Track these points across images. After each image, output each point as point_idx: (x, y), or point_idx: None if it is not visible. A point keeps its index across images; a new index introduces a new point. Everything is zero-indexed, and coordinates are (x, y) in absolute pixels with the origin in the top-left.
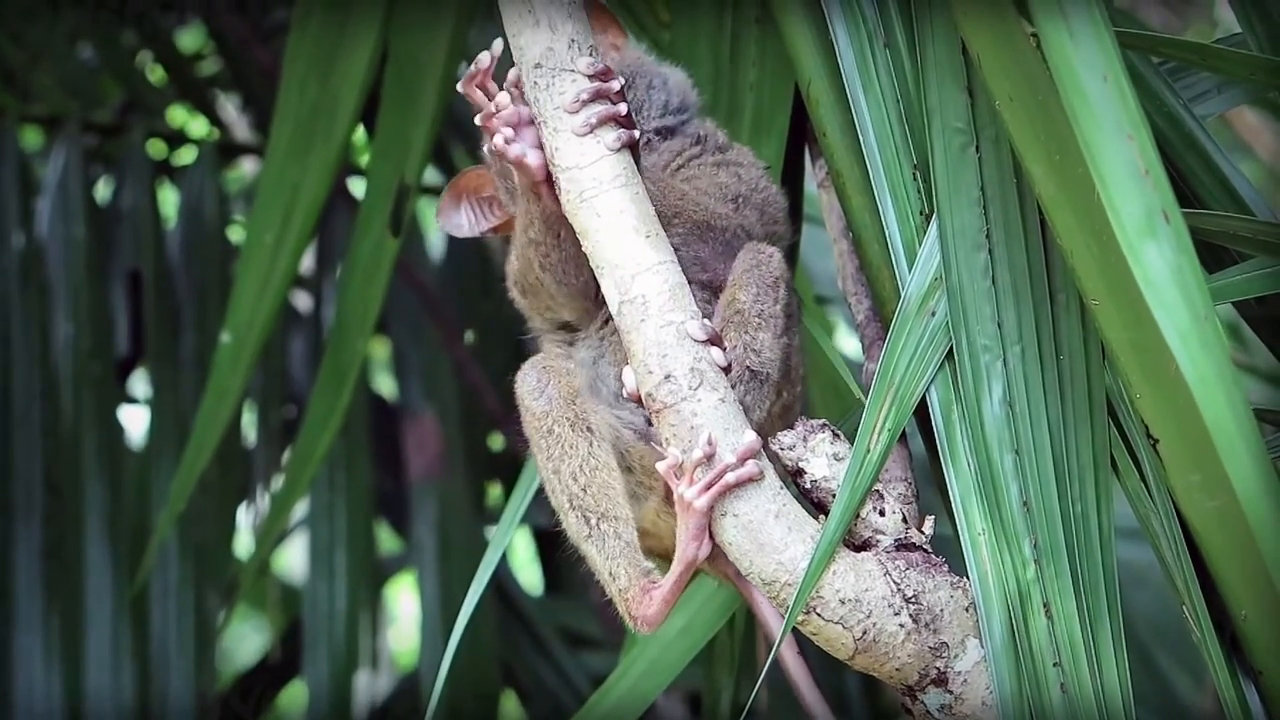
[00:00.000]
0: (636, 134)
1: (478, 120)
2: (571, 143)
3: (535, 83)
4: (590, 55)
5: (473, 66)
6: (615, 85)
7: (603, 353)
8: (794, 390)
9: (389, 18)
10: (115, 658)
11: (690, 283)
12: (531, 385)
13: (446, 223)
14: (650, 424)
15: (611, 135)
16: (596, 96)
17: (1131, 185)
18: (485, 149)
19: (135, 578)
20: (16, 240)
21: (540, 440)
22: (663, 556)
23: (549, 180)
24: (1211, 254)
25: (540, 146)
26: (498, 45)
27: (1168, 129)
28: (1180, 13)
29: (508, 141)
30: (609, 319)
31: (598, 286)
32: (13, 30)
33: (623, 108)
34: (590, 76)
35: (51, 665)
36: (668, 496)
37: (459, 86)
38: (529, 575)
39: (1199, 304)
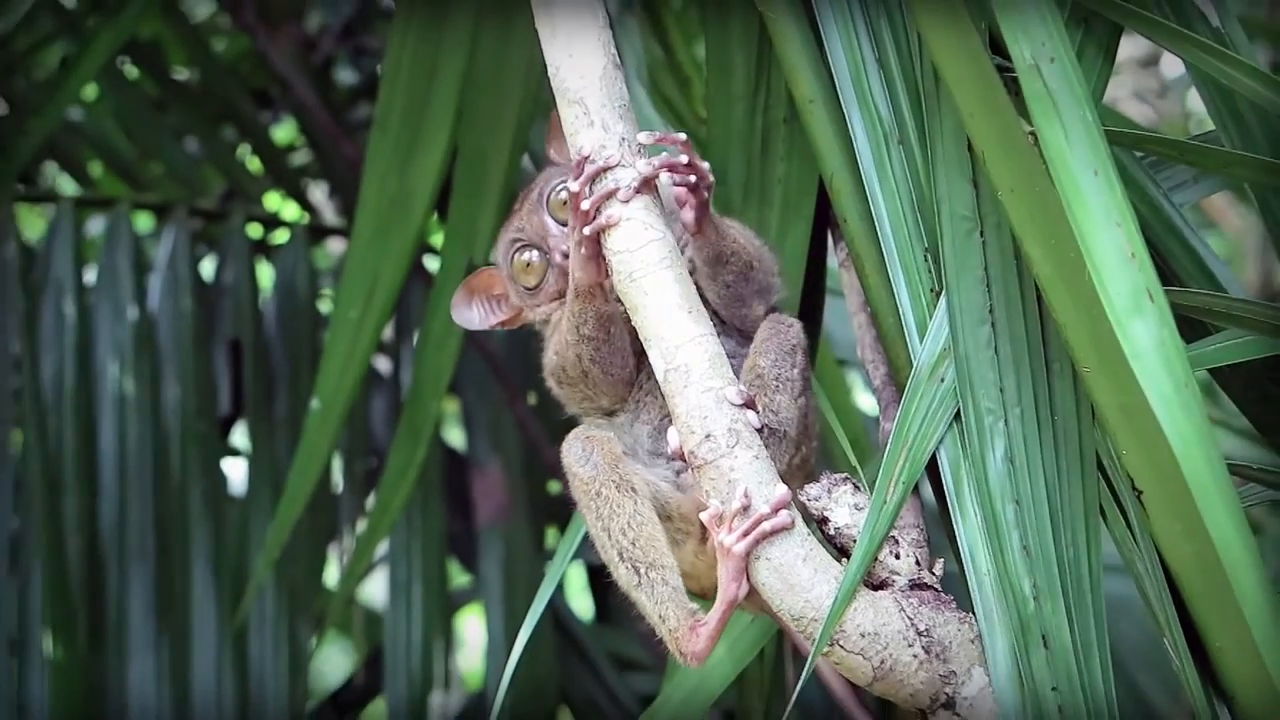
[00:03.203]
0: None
1: (583, 207)
2: (622, 228)
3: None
4: (640, 156)
5: (587, 171)
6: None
7: (637, 415)
8: (810, 445)
9: (459, 118)
10: (219, 681)
11: (736, 331)
12: (578, 454)
13: (459, 316)
14: (678, 474)
15: (690, 215)
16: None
17: (1120, 267)
18: (513, 251)
19: (236, 610)
20: (131, 313)
21: (590, 502)
22: (699, 594)
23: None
24: (1189, 325)
25: (600, 254)
26: (586, 146)
27: (1150, 215)
28: (1156, 108)
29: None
30: (642, 385)
31: (637, 372)
32: (126, 127)
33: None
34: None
35: (163, 688)
36: (703, 539)
37: (571, 187)
38: (583, 605)
39: (1180, 372)
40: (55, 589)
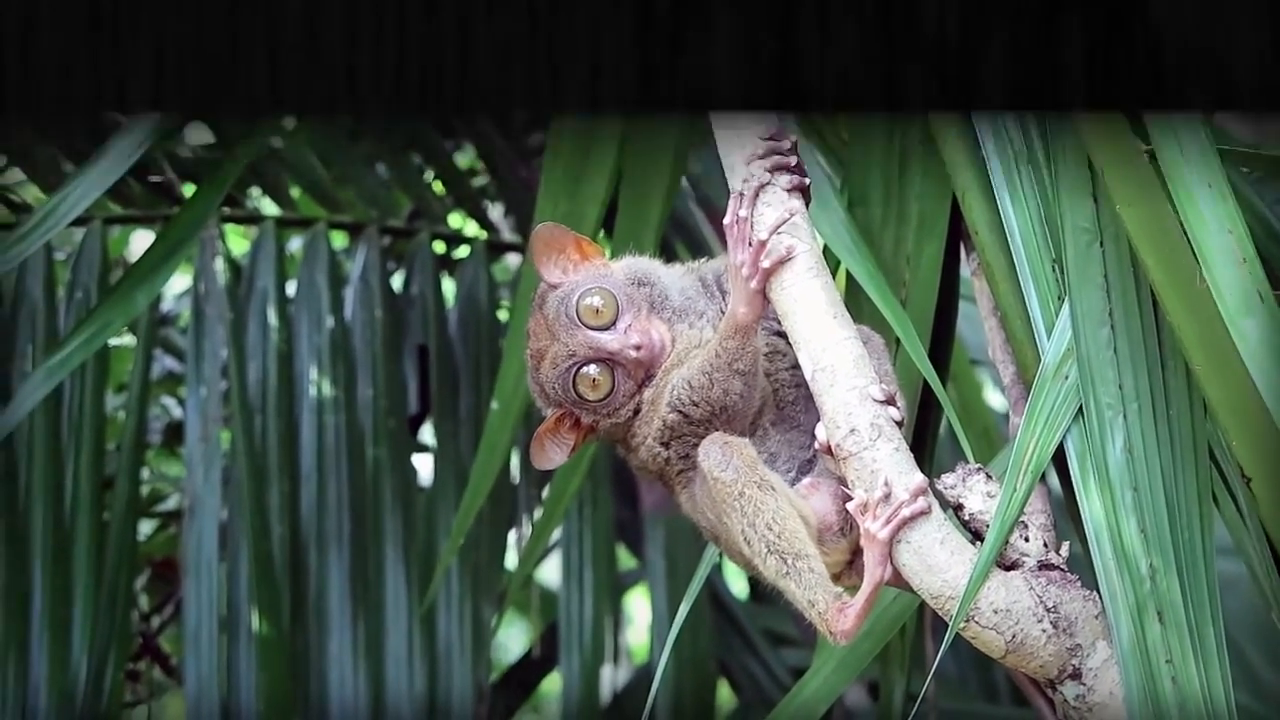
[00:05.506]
0: (807, 181)
1: (757, 241)
2: (776, 241)
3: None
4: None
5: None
6: (785, 144)
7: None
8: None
9: (623, 143)
10: (409, 656)
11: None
12: (717, 459)
13: (542, 463)
14: (792, 485)
15: (785, 179)
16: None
17: (1232, 271)
18: (573, 376)
19: (425, 591)
20: (328, 322)
21: (734, 503)
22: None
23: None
24: None
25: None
26: (737, 180)
27: (1256, 225)
28: (1261, 132)
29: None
30: (761, 413)
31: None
32: (322, 154)
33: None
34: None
35: (359, 664)
36: (820, 539)
37: (741, 213)
38: (739, 585)
39: None
40: (261, 571)
